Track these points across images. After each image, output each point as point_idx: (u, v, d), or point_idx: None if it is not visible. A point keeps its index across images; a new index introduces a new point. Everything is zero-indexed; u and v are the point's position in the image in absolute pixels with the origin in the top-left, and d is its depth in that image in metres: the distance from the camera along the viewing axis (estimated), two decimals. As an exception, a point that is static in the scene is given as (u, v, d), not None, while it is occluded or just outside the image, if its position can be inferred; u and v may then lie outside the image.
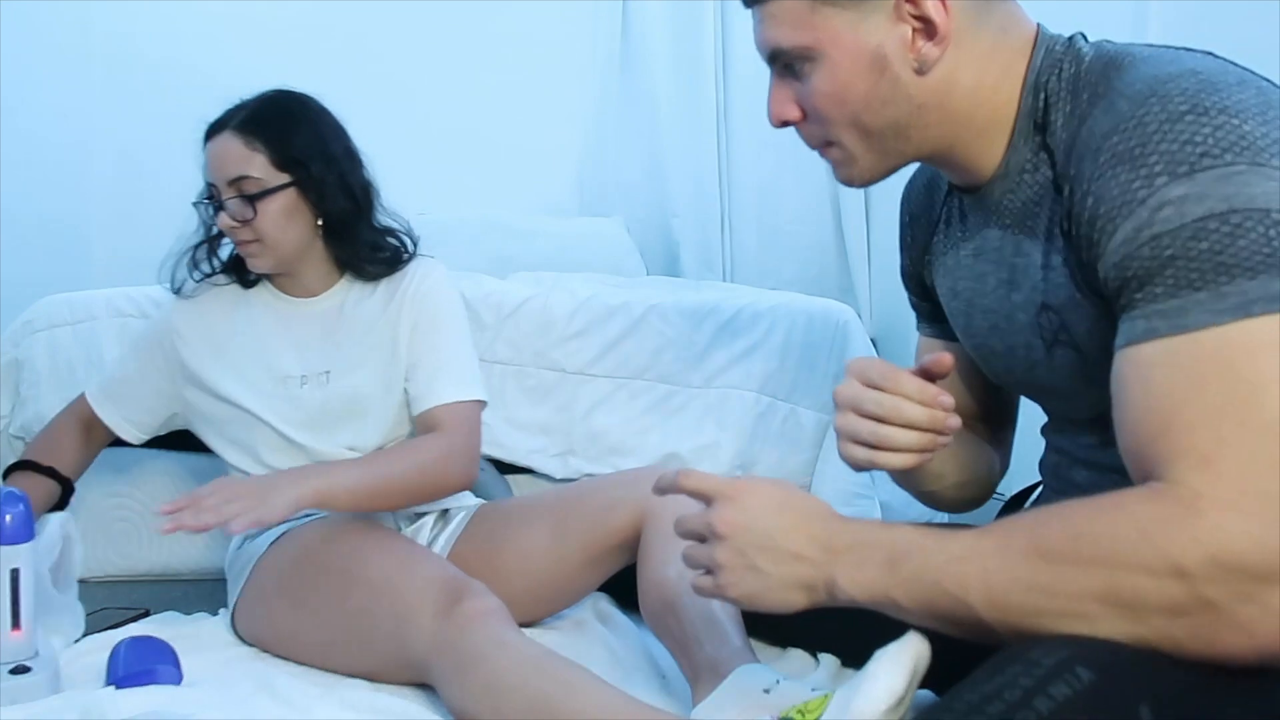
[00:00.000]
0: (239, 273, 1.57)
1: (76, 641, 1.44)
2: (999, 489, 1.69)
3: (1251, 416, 0.70)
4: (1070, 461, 1.05)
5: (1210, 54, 0.88)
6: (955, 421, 0.93)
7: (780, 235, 2.95)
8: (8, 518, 1.22)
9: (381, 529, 1.43)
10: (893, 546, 0.82)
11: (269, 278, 1.56)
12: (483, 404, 1.53)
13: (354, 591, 1.29)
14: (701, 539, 0.90)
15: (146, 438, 1.61)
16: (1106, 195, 0.80)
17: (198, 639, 1.44)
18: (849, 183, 1.02)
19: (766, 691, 1.05)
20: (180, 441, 1.89)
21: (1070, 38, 0.95)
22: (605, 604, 1.56)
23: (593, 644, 1.43)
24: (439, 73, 2.86)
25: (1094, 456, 1.00)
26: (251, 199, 1.45)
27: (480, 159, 2.85)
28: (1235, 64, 0.86)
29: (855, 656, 1.27)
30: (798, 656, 1.37)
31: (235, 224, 1.46)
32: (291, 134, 1.48)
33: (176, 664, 1.30)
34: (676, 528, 0.93)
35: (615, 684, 1.13)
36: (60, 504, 1.51)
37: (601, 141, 3.13)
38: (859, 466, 0.98)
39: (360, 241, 1.54)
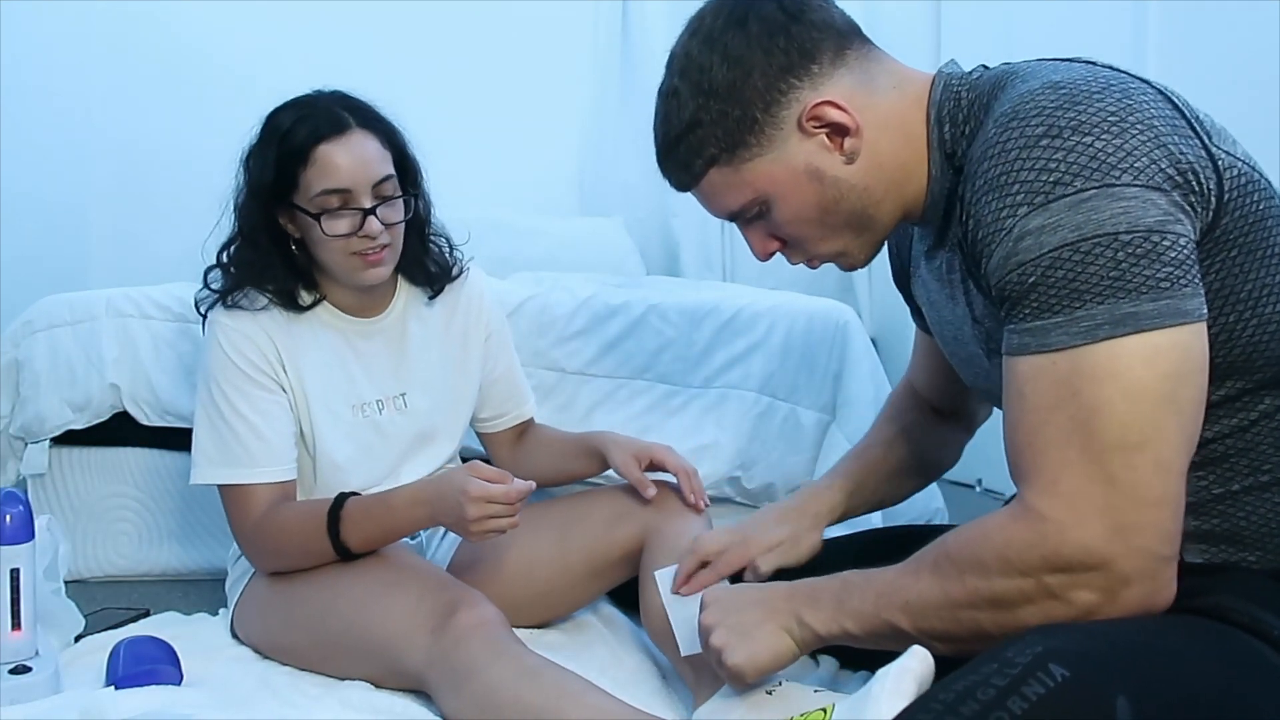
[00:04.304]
0: (290, 298, 1.40)
1: (76, 641, 1.44)
2: (997, 489, 1.69)
3: (1090, 441, 0.81)
4: None
5: (1088, 62, 0.92)
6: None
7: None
8: (8, 518, 1.23)
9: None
10: (839, 587, 0.97)
11: (324, 298, 1.42)
12: None
13: (345, 606, 1.28)
14: (706, 642, 1.04)
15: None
16: (982, 221, 0.87)
17: (198, 639, 1.44)
18: (853, 269, 1.10)
19: (769, 693, 1.05)
20: (181, 441, 1.89)
21: (972, 69, 1.00)
22: (607, 606, 1.56)
23: (594, 645, 1.44)
24: (438, 72, 2.86)
25: None
26: (391, 200, 1.35)
27: (480, 159, 2.85)
28: (1109, 68, 0.90)
29: (853, 658, 1.28)
30: (798, 657, 1.37)
31: (386, 227, 1.34)
32: (395, 134, 1.41)
33: (176, 664, 1.30)
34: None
35: (616, 685, 1.13)
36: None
37: (601, 141, 3.13)
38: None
39: (424, 247, 1.48)
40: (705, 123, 0.98)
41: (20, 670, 1.21)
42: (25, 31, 2.50)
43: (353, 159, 1.32)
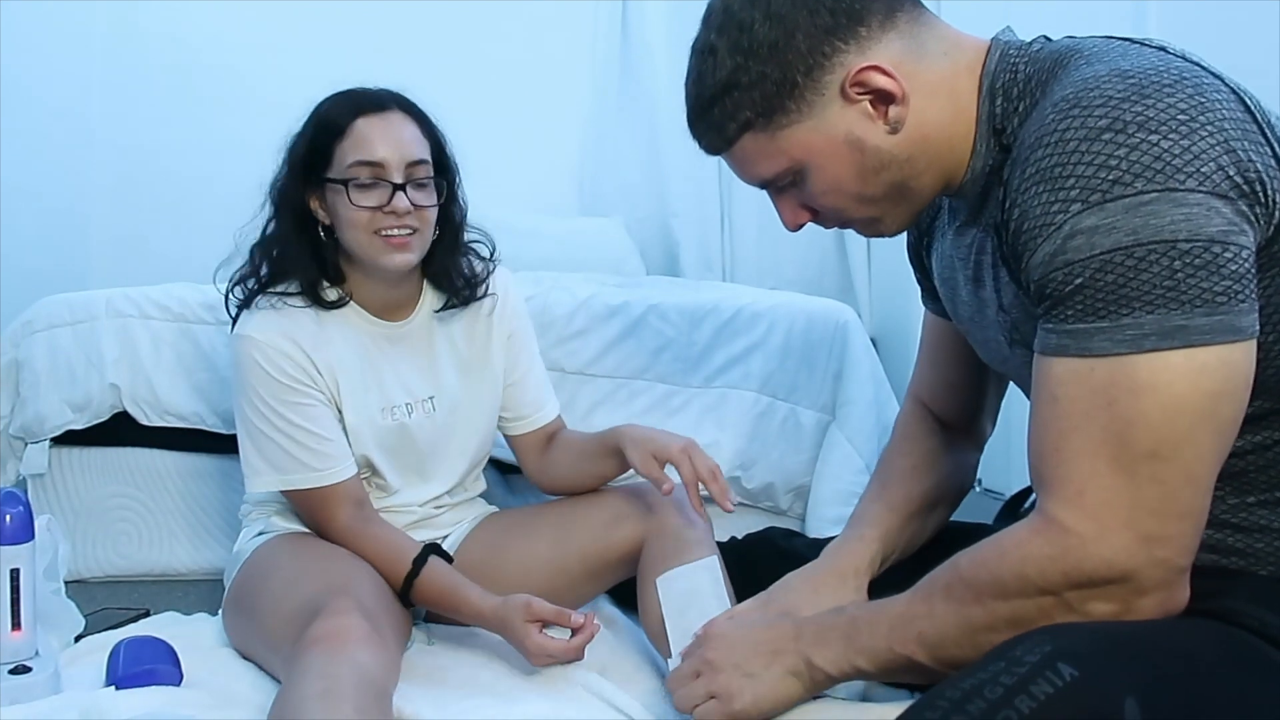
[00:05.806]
0: (315, 291, 1.39)
1: (76, 641, 1.44)
2: (997, 489, 1.67)
3: (1121, 453, 0.79)
4: None
5: (1160, 48, 0.87)
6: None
7: (780, 235, 2.90)
8: (8, 518, 1.22)
9: (315, 540, 1.39)
10: (847, 624, 0.95)
11: (351, 297, 1.41)
12: None
13: (262, 608, 1.28)
14: (697, 674, 1.03)
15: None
16: (1030, 212, 0.82)
17: (198, 639, 1.44)
18: (881, 236, 1.04)
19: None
20: (181, 441, 1.90)
21: (1032, 40, 0.95)
22: (607, 606, 1.56)
23: (594, 645, 1.43)
24: (438, 72, 2.85)
25: None
26: (423, 185, 1.35)
27: (480, 159, 2.85)
28: (1182, 57, 0.85)
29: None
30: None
31: (414, 208, 1.33)
32: (435, 130, 1.41)
33: (176, 664, 1.30)
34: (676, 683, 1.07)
35: (616, 684, 1.12)
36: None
37: (601, 141, 3.12)
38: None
39: (455, 256, 1.47)
40: (742, 84, 0.91)
41: (20, 670, 1.21)
42: (25, 31, 2.50)
43: (389, 134, 1.33)
